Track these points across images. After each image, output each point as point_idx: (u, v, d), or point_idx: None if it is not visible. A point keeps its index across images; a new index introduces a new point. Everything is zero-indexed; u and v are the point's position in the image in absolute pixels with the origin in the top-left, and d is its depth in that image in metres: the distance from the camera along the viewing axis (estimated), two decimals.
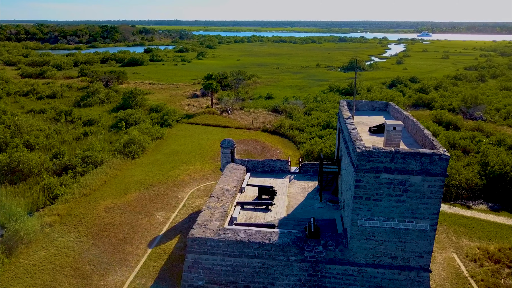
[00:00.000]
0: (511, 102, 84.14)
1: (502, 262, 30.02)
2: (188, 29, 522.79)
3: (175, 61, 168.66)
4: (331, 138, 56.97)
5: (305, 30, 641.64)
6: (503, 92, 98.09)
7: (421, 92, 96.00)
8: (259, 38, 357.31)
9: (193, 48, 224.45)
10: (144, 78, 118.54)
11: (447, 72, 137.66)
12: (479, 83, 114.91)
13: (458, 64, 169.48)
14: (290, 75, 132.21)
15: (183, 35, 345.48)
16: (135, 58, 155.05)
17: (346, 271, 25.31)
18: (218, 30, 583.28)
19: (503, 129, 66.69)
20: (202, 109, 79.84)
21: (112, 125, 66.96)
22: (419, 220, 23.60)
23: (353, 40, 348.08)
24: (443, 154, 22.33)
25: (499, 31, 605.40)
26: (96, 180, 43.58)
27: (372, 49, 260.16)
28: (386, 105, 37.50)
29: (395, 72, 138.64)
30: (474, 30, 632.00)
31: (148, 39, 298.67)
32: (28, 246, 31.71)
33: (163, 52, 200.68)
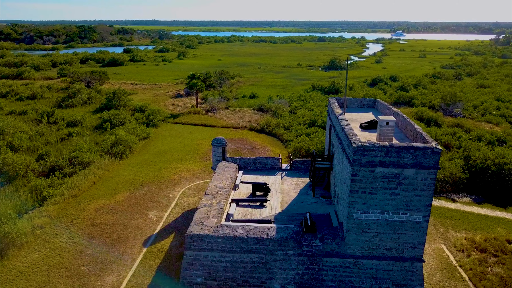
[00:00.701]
0: (487, 99, 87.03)
1: (488, 251, 31.26)
2: (166, 29, 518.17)
3: (156, 61, 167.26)
4: (317, 135, 57.79)
5: (284, 30, 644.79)
6: (479, 90, 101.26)
7: (401, 90, 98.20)
8: (239, 38, 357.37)
9: (174, 48, 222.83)
10: (125, 79, 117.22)
11: (425, 71, 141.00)
12: (456, 81, 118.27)
13: (435, 63, 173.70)
14: (272, 75, 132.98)
15: (163, 35, 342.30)
16: (115, 58, 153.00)
17: (343, 263, 25.96)
18: (197, 30, 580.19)
19: (481, 125, 68.96)
20: (187, 108, 79.64)
21: (96, 126, 66.15)
22: (412, 212, 24.44)
23: (332, 40, 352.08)
24: (435, 147, 23.21)
25: (472, 30, 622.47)
26: (85, 181, 43.11)
27: (351, 49, 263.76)
28: (374, 102, 38.43)
29: (375, 71, 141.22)
30: (448, 30, 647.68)
31: (127, 39, 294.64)
32: (20, 249, 31.23)
33: (143, 52, 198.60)
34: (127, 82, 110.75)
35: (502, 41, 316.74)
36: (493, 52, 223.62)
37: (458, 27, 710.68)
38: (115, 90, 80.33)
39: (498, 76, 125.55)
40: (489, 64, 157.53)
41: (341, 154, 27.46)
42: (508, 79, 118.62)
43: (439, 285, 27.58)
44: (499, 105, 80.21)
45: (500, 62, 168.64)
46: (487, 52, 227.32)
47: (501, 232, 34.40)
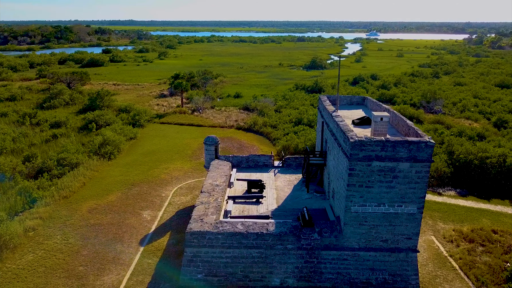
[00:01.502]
0: (465, 96, 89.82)
1: (475, 241, 32.54)
2: (144, 29, 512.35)
3: (137, 61, 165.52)
4: (304, 133, 58.61)
5: (263, 30, 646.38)
6: (456, 87, 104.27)
7: (382, 88, 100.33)
8: (218, 38, 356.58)
9: (154, 49, 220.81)
10: (107, 79, 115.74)
11: (403, 70, 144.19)
12: (434, 79, 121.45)
13: (412, 62, 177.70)
14: (255, 74, 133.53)
15: (141, 35, 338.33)
16: (95, 58, 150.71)
17: (341, 256, 26.67)
18: (176, 31, 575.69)
19: (461, 122, 71.17)
20: (172, 108, 79.37)
21: (81, 127, 65.30)
22: (407, 204, 25.33)
23: (311, 40, 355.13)
24: (429, 141, 24.14)
25: (446, 30, 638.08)
26: (74, 182, 42.63)
27: (330, 48, 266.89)
28: (364, 99, 39.39)
29: (355, 70, 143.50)
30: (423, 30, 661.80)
31: (105, 39, 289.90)
32: (13, 251, 30.76)
33: (123, 52, 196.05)
34: (109, 82, 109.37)
35: (475, 41, 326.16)
36: (467, 51, 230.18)
37: (432, 27, 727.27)
38: (98, 91, 79.34)
39: (473, 74, 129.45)
40: (464, 63, 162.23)
41: (337, 150, 28.17)
42: (483, 77, 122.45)
43: (431, 274, 28.60)
44: (476, 102, 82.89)
45: (474, 60, 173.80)
46: (462, 51, 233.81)
47: (486, 223, 35.82)
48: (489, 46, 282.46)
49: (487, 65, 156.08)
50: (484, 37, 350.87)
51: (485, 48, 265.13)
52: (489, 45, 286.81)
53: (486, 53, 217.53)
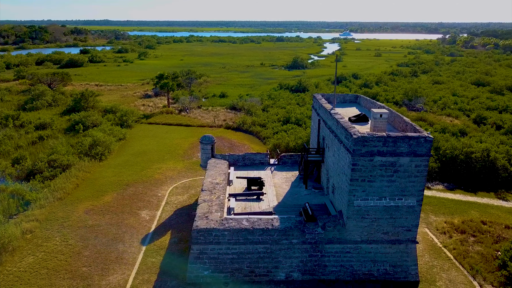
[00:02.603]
0: (444, 94, 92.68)
1: (467, 232, 33.97)
2: (121, 29, 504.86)
3: (117, 62, 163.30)
4: (294, 132, 59.45)
5: (241, 30, 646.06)
6: (435, 86, 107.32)
7: (365, 87, 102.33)
8: (197, 38, 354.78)
9: (133, 49, 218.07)
10: (88, 80, 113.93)
11: (382, 69, 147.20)
12: (413, 78, 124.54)
13: (390, 61, 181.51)
14: (238, 74, 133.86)
15: (119, 36, 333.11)
16: (74, 59, 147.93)
17: (344, 249, 27.49)
18: (153, 31, 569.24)
19: (442, 119, 73.46)
20: (159, 109, 78.96)
21: (67, 128, 64.31)
22: (407, 197, 26.35)
23: (290, 40, 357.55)
24: (427, 136, 25.20)
25: (420, 30, 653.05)
26: (68, 183, 42.16)
27: (309, 48, 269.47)
28: (356, 97, 40.43)
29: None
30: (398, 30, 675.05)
31: (82, 39, 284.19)
32: (13, 254, 30.35)
33: (102, 53, 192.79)
34: (91, 83, 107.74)
35: (448, 41, 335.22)
36: (442, 51, 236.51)
37: (407, 27, 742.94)
38: (82, 92, 78.13)
39: (450, 73, 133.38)
40: (440, 62, 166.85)
41: (337, 146, 28.97)
42: (459, 76, 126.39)
43: (428, 264, 29.76)
44: (456, 100, 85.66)
45: (449, 60, 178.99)
46: (437, 50, 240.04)
47: (475, 214, 37.38)
48: (462, 45, 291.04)
49: (462, 64, 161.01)
50: (457, 37, 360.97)
51: (458, 47, 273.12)
52: (462, 44, 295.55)
53: (460, 52, 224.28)
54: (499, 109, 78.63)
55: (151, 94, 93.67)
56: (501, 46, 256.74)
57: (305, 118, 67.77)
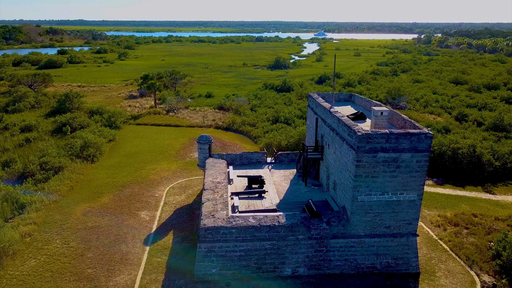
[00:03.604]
0: (425, 92, 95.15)
1: (460, 225, 35.33)
2: (97, 29, 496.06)
3: (97, 62, 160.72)
4: (284, 131, 60.16)
5: (220, 30, 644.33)
6: (416, 84, 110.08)
7: (348, 86, 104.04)
8: (177, 38, 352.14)
9: (112, 49, 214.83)
10: (69, 81, 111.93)
11: (363, 68, 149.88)
12: (394, 77, 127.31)
13: (370, 60, 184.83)
14: (221, 74, 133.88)
15: (96, 36, 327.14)
16: (53, 60, 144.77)
17: (348, 243, 28.25)
18: (130, 31, 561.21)
19: (425, 116, 75.52)
20: (146, 109, 78.41)
21: (54, 130, 63.23)
22: (408, 192, 27.32)
23: (270, 40, 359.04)
24: (428, 133, 26.21)
25: (395, 30, 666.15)
26: (62, 186, 41.64)
27: (289, 48, 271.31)
28: (350, 96, 41.37)
29: (317, 69, 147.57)
30: (374, 30, 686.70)
31: (58, 40, 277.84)
32: (13, 258, 29.90)
33: (80, 53, 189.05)
34: (73, 84, 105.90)
35: (424, 40, 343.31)
36: (418, 51, 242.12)
37: (383, 27, 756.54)
38: (67, 93, 76.82)
39: (428, 72, 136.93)
40: (418, 61, 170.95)
41: (338, 144, 29.71)
42: (437, 75, 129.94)
43: (427, 256, 30.86)
44: (437, 98, 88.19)
45: (427, 59, 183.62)
46: (413, 50, 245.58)
47: (466, 208, 38.86)
48: (437, 45, 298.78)
49: (439, 63, 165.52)
50: (432, 37, 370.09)
51: (434, 47, 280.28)
52: (437, 44, 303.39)
53: (436, 52, 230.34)
54: (478, 106, 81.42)
55: (136, 94, 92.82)
56: (474, 46, 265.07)
57: (293, 117, 68.64)
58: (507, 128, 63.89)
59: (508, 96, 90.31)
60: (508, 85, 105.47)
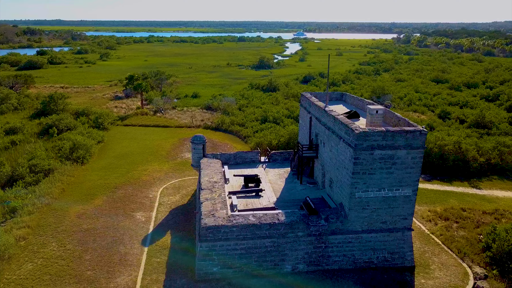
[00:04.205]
0: (408, 91, 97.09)
1: (450, 219, 36.42)
2: (75, 29, 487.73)
3: (78, 63, 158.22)
4: (273, 130, 60.64)
5: (201, 30, 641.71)
6: (398, 83, 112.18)
7: (333, 85, 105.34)
8: (158, 39, 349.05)
9: (93, 50, 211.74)
10: (51, 82, 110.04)
11: (346, 68, 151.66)
12: (377, 76, 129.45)
13: (352, 60, 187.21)
14: (206, 74, 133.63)
15: (75, 36, 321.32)
16: (33, 61, 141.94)
17: (346, 239, 28.87)
18: (110, 31, 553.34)
19: (409, 114, 77.20)
20: (133, 110, 77.76)
21: (40, 132, 62.18)
22: (404, 188, 28.11)
23: (252, 40, 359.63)
24: (422, 130, 27.04)
25: (375, 30, 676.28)
26: (53, 188, 41.09)
27: (272, 48, 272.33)
28: (342, 95, 42.11)
29: (301, 69, 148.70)
30: (355, 30, 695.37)
31: (36, 40, 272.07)
32: (9, 262, 29.47)
33: (60, 54, 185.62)
34: (55, 85, 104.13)
35: (403, 40, 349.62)
36: (398, 50, 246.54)
37: (362, 27, 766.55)
38: (51, 94, 75.53)
39: (409, 71, 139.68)
40: (399, 61, 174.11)
41: (335, 142, 30.31)
42: (418, 74, 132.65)
43: (420, 250, 31.75)
44: (420, 96, 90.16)
45: (407, 58, 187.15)
46: (394, 50, 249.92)
47: (454, 202, 40.05)
48: (417, 44, 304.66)
49: (419, 62, 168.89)
50: (411, 36, 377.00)
51: (413, 46, 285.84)
52: (416, 44, 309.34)
53: (415, 51, 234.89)
54: (459, 104, 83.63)
55: (122, 95, 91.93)
56: (452, 45, 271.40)
57: (282, 116, 69.21)
58: (488, 125, 65.93)
59: (487, 94, 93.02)
60: (487, 83, 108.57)
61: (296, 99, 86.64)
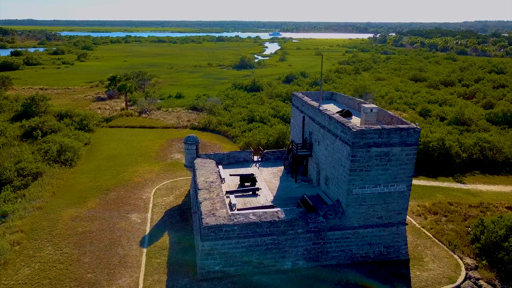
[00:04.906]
0: (389, 90, 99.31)
1: (439, 213, 37.75)
2: (48, 29, 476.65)
3: (55, 64, 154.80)
4: (262, 130, 61.16)
5: (178, 30, 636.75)
6: (378, 82, 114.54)
7: (315, 85, 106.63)
8: (135, 39, 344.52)
9: (69, 50, 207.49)
10: (29, 83, 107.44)
11: (326, 67, 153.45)
12: (357, 75, 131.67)
13: (331, 59, 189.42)
14: (188, 75, 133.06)
15: (50, 36, 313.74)
16: (8, 62, 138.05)
17: (344, 235, 29.63)
18: (84, 31, 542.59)
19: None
20: (117, 111, 76.91)
21: (22, 135, 60.86)
22: (398, 183, 29.06)
23: (231, 40, 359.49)
24: (416, 127, 28.03)
25: (351, 30, 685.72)
26: (44, 192, 40.46)
27: (252, 48, 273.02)
28: (332, 94, 42.95)
29: (282, 69, 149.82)
30: (331, 30, 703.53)
31: (9, 40, 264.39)
32: (5, 267, 29.01)
33: (36, 54, 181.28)
34: (34, 87, 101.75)
35: (379, 39, 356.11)
36: (376, 49, 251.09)
37: (339, 26, 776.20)
38: (33, 96, 73.92)
39: (388, 70, 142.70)
40: (377, 60, 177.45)
41: (330, 140, 31.03)
42: (397, 72, 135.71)
43: (413, 244, 32.84)
44: (400, 95, 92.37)
45: (384, 57, 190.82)
46: (371, 49, 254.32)
47: (441, 197, 41.48)
48: (393, 44, 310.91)
49: (397, 61, 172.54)
50: (387, 36, 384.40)
51: (390, 46, 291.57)
52: (392, 43, 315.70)
53: (392, 51, 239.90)
54: (439, 102, 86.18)
55: (104, 96, 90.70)
56: (427, 45, 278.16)
57: (268, 116, 69.79)
58: (467, 122, 68.22)
59: (464, 92, 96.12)
60: (463, 82, 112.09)
61: (280, 98, 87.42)
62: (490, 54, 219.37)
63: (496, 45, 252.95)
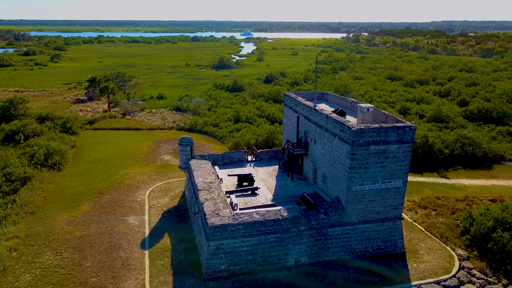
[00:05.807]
0: (368, 89, 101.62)
1: (428, 207, 39.29)
2: (16, 29, 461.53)
3: (28, 65, 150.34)
4: (249, 130, 61.65)
5: (151, 30, 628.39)
6: (356, 81, 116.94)
7: (296, 85, 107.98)
8: (108, 39, 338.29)
9: (41, 51, 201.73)
10: (3, 86, 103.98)
11: (303, 67, 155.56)
12: (335, 74, 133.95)
13: (308, 59, 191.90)
14: (166, 75, 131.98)
15: (19, 37, 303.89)
16: None
17: (344, 231, 30.54)
18: (54, 31, 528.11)
19: None
20: (99, 113, 75.72)
21: (3, 139, 59.16)
22: (395, 180, 30.19)
23: (206, 40, 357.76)
24: (412, 125, 29.21)
25: (324, 29, 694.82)
26: (35, 196, 39.66)
27: (228, 48, 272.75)
28: (323, 94, 43.90)
29: (261, 69, 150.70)
30: (305, 29, 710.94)
31: None
32: (4, 274, 28.45)
33: (6, 55, 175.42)
34: (8, 89, 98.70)
35: (353, 39, 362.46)
36: (350, 49, 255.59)
37: (312, 26, 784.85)
38: (11, 99, 71.79)
39: (364, 69, 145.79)
40: (353, 59, 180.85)
41: (328, 139, 31.87)
42: (373, 71, 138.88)
43: (407, 237, 34.13)
44: (379, 94, 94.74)
45: (359, 57, 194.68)
46: (345, 49, 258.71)
47: (428, 192, 43.13)
48: (366, 43, 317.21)
49: (372, 60, 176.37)
50: (360, 35, 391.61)
51: (363, 45, 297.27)
52: (365, 43, 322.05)
53: (366, 50, 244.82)
54: (416, 100, 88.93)
55: (84, 98, 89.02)
56: (399, 44, 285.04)
57: (254, 116, 70.34)
58: (445, 119, 70.79)
59: (439, 90, 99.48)
60: (437, 80, 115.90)
61: (263, 98, 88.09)
62: (459, 53, 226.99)
63: (465, 45, 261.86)
